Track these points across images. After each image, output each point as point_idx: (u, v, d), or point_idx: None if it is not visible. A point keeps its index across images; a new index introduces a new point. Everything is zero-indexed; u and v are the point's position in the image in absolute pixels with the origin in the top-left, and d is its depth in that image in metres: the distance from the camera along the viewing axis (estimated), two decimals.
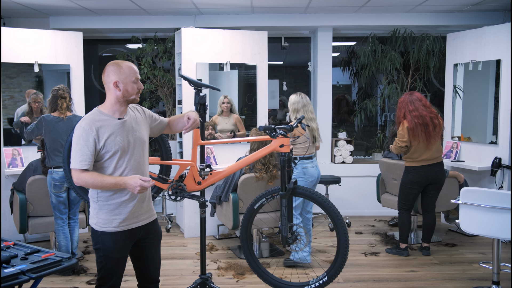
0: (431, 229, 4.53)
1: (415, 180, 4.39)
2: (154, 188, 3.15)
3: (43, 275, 2.08)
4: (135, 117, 2.55)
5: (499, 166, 4.92)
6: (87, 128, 2.35)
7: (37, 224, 4.24)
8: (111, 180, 2.34)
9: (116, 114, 2.45)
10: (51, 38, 5.12)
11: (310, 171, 4.11)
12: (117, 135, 2.41)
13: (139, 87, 2.46)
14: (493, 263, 3.52)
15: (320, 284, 3.04)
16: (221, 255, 4.56)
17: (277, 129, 2.95)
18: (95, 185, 2.35)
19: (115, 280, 2.52)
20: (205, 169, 3.09)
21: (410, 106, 4.29)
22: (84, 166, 2.33)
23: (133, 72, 2.44)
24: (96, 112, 2.44)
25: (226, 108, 5.44)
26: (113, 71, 2.42)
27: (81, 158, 2.33)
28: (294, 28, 6.19)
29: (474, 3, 5.31)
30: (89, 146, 2.34)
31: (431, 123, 4.26)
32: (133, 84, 2.43)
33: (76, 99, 5.29)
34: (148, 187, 2.34)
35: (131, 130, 2.48)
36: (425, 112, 4.27)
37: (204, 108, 3.11)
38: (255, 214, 3.20)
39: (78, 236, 4.22)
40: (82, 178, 2.33)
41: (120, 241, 2.46)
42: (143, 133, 2.56)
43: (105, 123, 2.40)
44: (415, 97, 4.32)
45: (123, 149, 2.42)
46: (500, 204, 3.27)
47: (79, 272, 4.07)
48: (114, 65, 2.43)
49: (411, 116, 4.26)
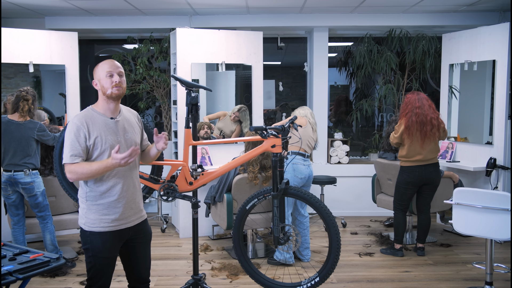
0: (426, 230, 4.53)
1: (409, 180, 4.38)
2: (145, 188, 3.15)
3: (31, 275, 2.08)
4: (129, 120, 2.57)
5: (494, 167, 4.92)
6: (78, 124, 2.37)
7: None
8: (98, 165, 2.31)
9: (108, 113, 2.47)
10: (46, 38, 5.12)
11: (300, 168, 4.12)
12: (108, 134, 2.42)
13: (114, 80, 2.44)
14: (486, 263, 3.52)
15: (312, 284, 3.04)
16: (216, 256, 4.55)
17: (268, 129, 2.95)
18: (86, 174, 2.32)
19: (104, 281, 2.52)
20: (197, 170, 3.09)
21: (417, 102, 4.29)
22: (74, 161, 2.34)
23: (105, 67, 2.46)
24: (89, 110, 2.47)
25: (233, 119, 5.53)
26: (94, 72, 2.51)
27: (71, 152, 2.35)
28: (290, 28, 6.19)
29: (469, 4, 5.30)
30: (80, 141, 2.36)
31: (429, 123, 4.26)
32: (106, 79, 2.45)
33: (71, 100, 5.31)
34: (129, 157, 2.24)
35: (122, 130, 2.49)
36: (428, 111, 4.27)
37: (196, 109, 3.10)
38: (247, 215, 3.20)
39: (51, 240, 4.11)
40: (73, 171, 2.33)
41: (109, 241, 2.45)
42: (136, 136, 2.57)
43: (96, 121, 2.42)
44: (422, 96, 4.34)
45: (112, 148, 2.41)
46: (493, 205, 3.27)
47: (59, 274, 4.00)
48: (96, 66, 2.51)
49: (412, 114, 4.26)
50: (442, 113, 5.70)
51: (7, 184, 3.96)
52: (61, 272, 4.03)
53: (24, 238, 4.08)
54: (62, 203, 4.45)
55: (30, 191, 3.99)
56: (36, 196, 4.02)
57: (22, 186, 3.97)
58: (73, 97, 5.32)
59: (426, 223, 4.50)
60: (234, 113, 5.51)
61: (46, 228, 4.12)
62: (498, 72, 4.93)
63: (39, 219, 4.11)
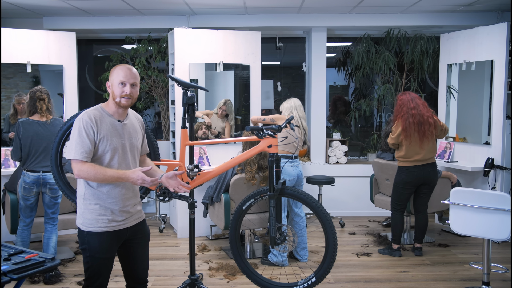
0: (423, 230, 4.53)
1: (407, 180, 4.38)
2: (142, 188, 3.14)
3: (25, 275, 2.08)
4: (134, 125, 2.58)
5: (492, 167, 4.92)
6: (88, 121, 2.37)
7: None
8: (114, 173, 2.35)
9: (116, 115, 2.48)
10: (44, 38, 5.12)
11: (287, 170, 4.09)
12: (114, 136, 2.43)
13: (124, 91, 2.44)
14: (484, 263, 3.51)
15: (308, 284, 3.03)
16: (213, 256, 4.55)
17: (265, 129, 2.94)
18: (97, 178, 2.34)
19: (102, 281, 2.52)
20: (193, 170, 3.09)
21: (411, 103, 4.28)
22: (85, 158, 2.34)
23: (120, 74, 2.45)
24: (99, 108, 2.47)
25: (221, 114, 5.45)
26: (111, 73, 2.50)
27: (82, 149, 2.34)
28: (288, 28, 6.19)
29: (467, 4, 5.30)
30: (90, 138, 2.36)
31: (427, 122, 4.25)
32: (118, 86, 2.45)
33: (69, 100, 5.31)
34: (149, 182, 2.36)
35: (128, 135, 2.50)
36: (423, 110, 4.27)
37: (193, 109, 3.10)
38: (243, 215, 3.20)
39: (55, 242, 4.08)
40: (84, 170, 2.32)
41: (106, 242, 2.45)
42: (138, 142, 2.59)
43: (105, 121, 2.43)
44: (414, 96, 4.34)
45: (115, 150, 2.42)
46: (490, 205, 3.27)
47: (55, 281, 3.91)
48: (114, 67, 2.50)
49: (409, 115, 4.26)
50: (440, 113, 5.70)
51: (34, 185, 3.90)
52: (58, 280, 3.94)
53: (29, 239, 4.07)
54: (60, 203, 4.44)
55: (57, 191, 3.98)
56: (59, 196, 4.03)
57: (50, 186, 3.93)
58: (71, 97, 5.32)
59: (424, 223, 4.50)
60: (221, 108, 5.44)
61: (54, 230, 4.11)
62: (496, 72, 4.93)
63: (49, 220, 4.08)
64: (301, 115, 4.22)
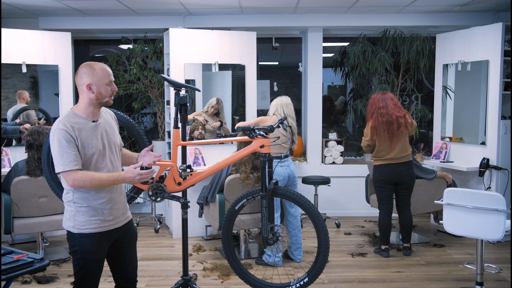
0: (408, 230, 4.53)
1: (381, 177, 4.41)
2: (134, 188, 3.14)
3: (14, 276, 2.07)
4: (108, 121, 2.55)
5: (487, 167, 4.92)
6: (65, 129, 2.32)
7: (22, 225, 4.22)
8: (109, 177, 2.35)
9: (90, 116, 2.43)
10: (39, 39, 5.12)
11: (276, 170, 4.08)
12: (93, 138, 2.40)
13: (113, 89, 2.44)
14: (477, 263, 3.51)
15: (301, 285, 3.02)
16: (208, 256, 4.55)
17: (256, 129, 2.94)
18: (93, 184, 2.32)
19: (93, 283, 2.51)
20: (186, 170, 3.08)
21: (381, 103, 4.33)
22: (75, 166, 2.30)
23: (106, 74, 2.41)
24: (71, 114, 2.41)
25: (210, 113, 5.39)
26: (86, 73, 2.39)
27: (69, 159, 2.30)
28: (284, 28, 6.19)
29: (463, 4, 5.30)
30: (71, 145, 2.31)
31: (396, 122, 4.28)
32: (106, 87, 2.41)
33: (64, 100, 5.30)
34: (146, 177, 2.39)
35: (105, 133, 2.48)
36: (393, 110, 4.29)
37: (185, 109, 3.10)
38: (236, 215, 3.19)
39: None
40: (79, 179, 2.30)
41: (98, 242, 2.45)
42: (116, 137, 2.57)
43: (80, 126, 2.38)
44: (387, 96, 4.36)
45: (99, 151, 2.41)
46: (484, 205, 3.27)
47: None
48: (87, 66, 2.40)
49: (378, 114, 4.30)
50: (436, 113, 5.70)
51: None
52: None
53: None
54: (54, 203, 4.42)
55: None
56: None
57: None
58: (67, 97, 5.31)
59: (407, 223, 4.49)
60: (212, 107, 5.35)
61: None
62: (491, 72, 4.93)
63: None
64: (288, 113, 4.18)
